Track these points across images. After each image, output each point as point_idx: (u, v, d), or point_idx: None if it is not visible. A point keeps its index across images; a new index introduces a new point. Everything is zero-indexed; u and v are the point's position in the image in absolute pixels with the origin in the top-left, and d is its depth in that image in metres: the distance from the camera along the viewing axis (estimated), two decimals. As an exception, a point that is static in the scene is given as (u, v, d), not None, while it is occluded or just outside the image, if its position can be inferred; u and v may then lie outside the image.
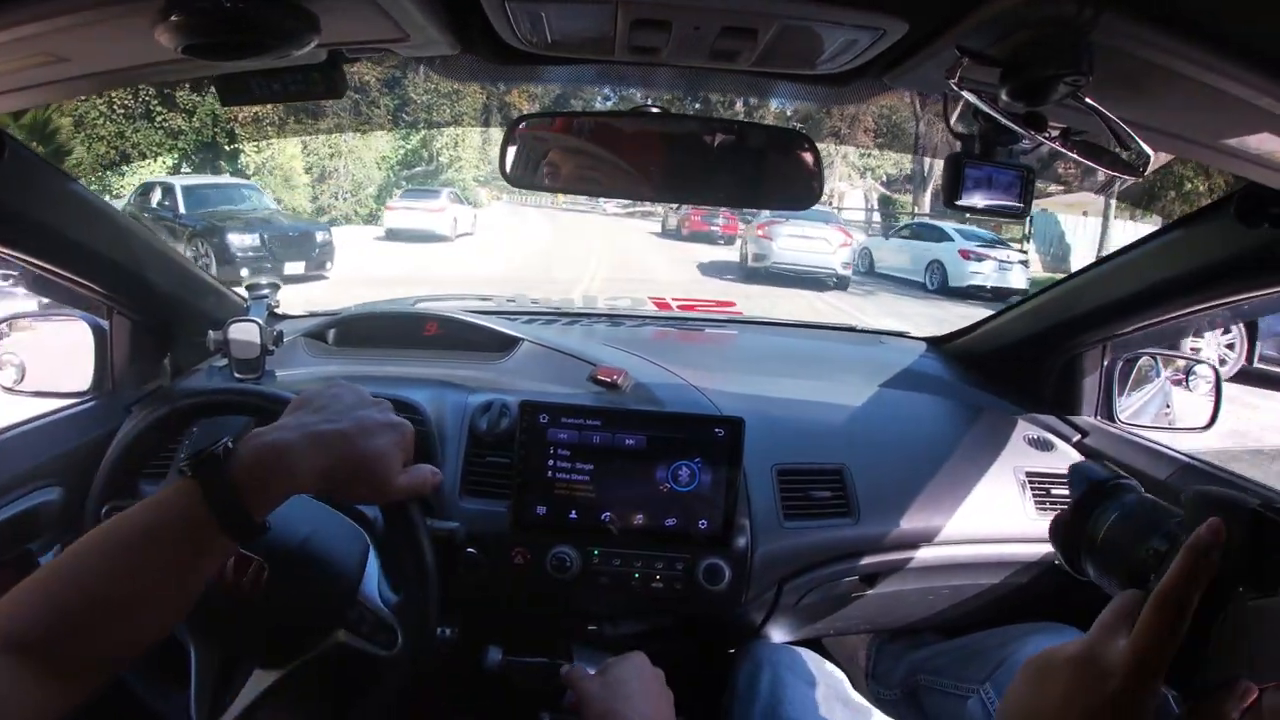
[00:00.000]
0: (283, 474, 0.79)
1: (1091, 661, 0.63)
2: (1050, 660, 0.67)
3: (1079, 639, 0.66)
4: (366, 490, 0.86)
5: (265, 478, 0.78)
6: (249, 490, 0.76)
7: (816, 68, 1.01)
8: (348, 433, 0.84)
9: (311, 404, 0.87)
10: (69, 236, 1.33)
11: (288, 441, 0.80)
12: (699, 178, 1.25)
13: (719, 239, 22.31)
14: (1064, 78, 0.74)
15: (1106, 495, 0.80)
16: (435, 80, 22.58)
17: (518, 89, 21.34)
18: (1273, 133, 0.86)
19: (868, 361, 2.14)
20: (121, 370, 1.68)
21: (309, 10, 0.75)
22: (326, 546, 1.11)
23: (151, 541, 0.74)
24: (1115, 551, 0.76)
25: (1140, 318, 1.60)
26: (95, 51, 0.89)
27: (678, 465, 1.44)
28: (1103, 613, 0.66)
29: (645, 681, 1.13)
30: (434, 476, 0.92)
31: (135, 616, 0.74)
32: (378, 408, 0.90)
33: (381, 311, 2.11)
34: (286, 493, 0.80)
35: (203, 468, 0.76)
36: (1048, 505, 1.66)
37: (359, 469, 0.83)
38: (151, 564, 0.74)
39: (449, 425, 1.55)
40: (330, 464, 0.81)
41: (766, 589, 1.54)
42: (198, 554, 0.76)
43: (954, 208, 1.07)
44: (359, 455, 0.83)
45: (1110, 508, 0.78)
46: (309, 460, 0.80)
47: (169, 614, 0.77)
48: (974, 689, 1.58)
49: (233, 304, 1.81)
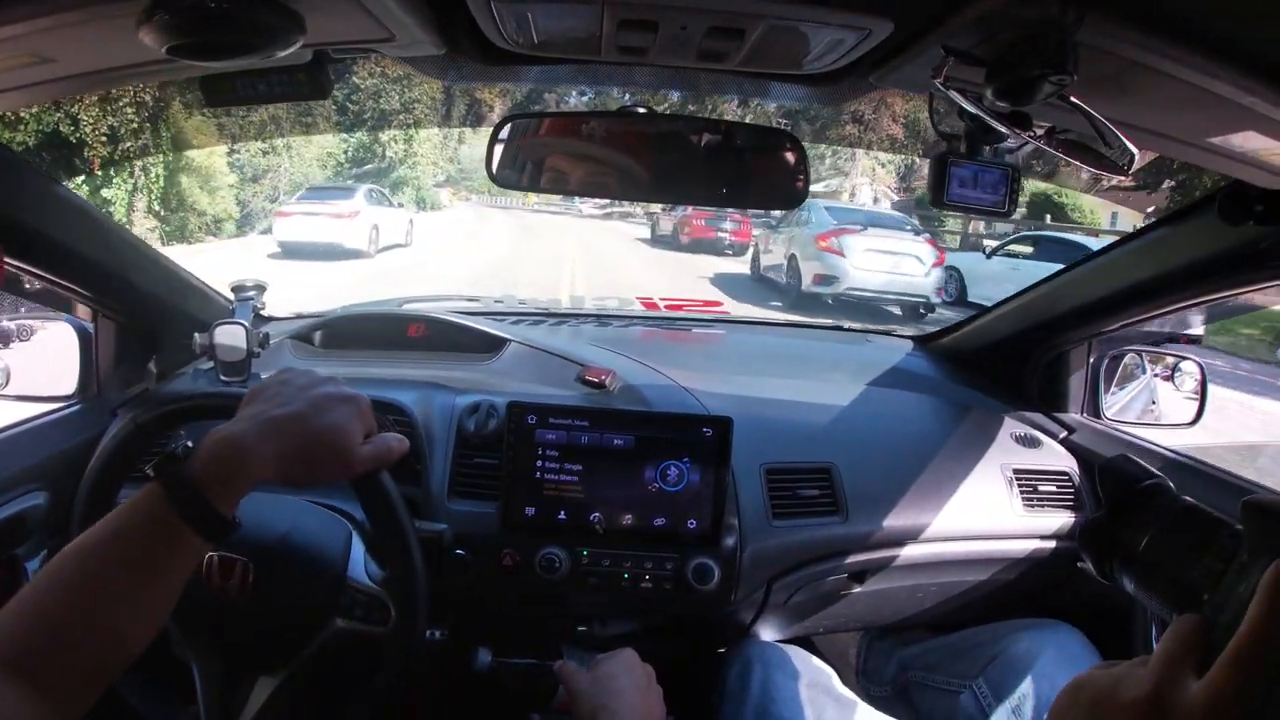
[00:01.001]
0: (242, 465, 0.80)
1: (1159, 709, 0.54)
2: (1105, 697, 0.58)
3: (1137, 672, 0.57)
4: (331, 466, 0.87)
5: (225, 471, 0.79)
6: (211, 485, 0.78)
7: (803, 67, 1.01)
8: (302, 414, 0.85)
9: (264, 393, 0.88)
10: (54, 239, 1.32)
11: (243, 432, 0.82)
12: (685, 177, 1.25)
13: (726, 248, 17.86)
14: (1049, 77, 0.74)
15: (1144, 497, 0.74)
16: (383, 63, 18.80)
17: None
18: (1256, 131, 0.87)
19: (855, 360, 2.14)
20: (107, 374, 1.66)
21: (294, 10, 0.75)
22: (307, 538, 1.11)
23: (123, 546, 0.75)
24: (1160, 568, 0.70)
25: (1125, 315, 1.61)
26: (80, 52, 0.88)
27: (666, 465, 1.44)
28: (1164, 642, 0.58)
29: (635, 676, 1.14)
30: (399, 444, 0.93)
31: (117, 624, 0.74)
32: (331, 384, 0.91)
33: (368, 313, 2.10)
34: (249, 483, 0.81)
35: (163, 469, 0.78)
36: (1034, 502, 1.67)
37: (318, 447, 0.85)
38: (125, 568, 0.74)
39: (436, 427, 1.54)
40: (289, 447, 0.83)
41: (755, 588, 1.54)
42: (170, 554, 0.77)
43: (940, 206, 1.07)
44: (316, 433, 0.85)
45: (1150, 515, 0.73)
46: (267, 447, 0.81)
47: (150, 619, 0.77)
48: (967, 684, 1.59)
49: (219, 306, 1.80)
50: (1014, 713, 1.48)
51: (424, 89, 23.50)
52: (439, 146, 30.13)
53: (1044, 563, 1.69)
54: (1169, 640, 0.57)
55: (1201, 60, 0.73)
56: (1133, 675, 0.57)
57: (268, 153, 21.05)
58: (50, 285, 1.43)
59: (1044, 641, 1.55)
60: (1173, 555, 0.68)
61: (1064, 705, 0.61)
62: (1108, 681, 0.58)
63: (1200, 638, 0.56)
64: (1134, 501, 0.74)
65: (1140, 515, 0.73)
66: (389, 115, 24.00)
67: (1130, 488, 0.75)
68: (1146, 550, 0.71)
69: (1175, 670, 0.55)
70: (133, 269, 1.55)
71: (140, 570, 0.75)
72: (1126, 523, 0.73)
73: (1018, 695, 1.49)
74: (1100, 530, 0.76)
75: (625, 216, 29.79)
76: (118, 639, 0.74)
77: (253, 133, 18.81)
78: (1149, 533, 0.71)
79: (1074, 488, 1.71)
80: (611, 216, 30.77)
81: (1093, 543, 0.77)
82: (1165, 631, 0.58)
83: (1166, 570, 0.68)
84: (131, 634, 0.75)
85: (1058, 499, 1.69)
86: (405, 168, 28.72)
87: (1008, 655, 1.55)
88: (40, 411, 1.59)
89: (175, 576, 0.78)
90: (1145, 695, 0.55)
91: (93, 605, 0.73)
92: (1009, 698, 1.50)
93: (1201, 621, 0.57)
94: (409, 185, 28.44)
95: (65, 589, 0.73)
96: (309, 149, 23.09)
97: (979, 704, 1.54)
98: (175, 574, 0.78)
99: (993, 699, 1.52)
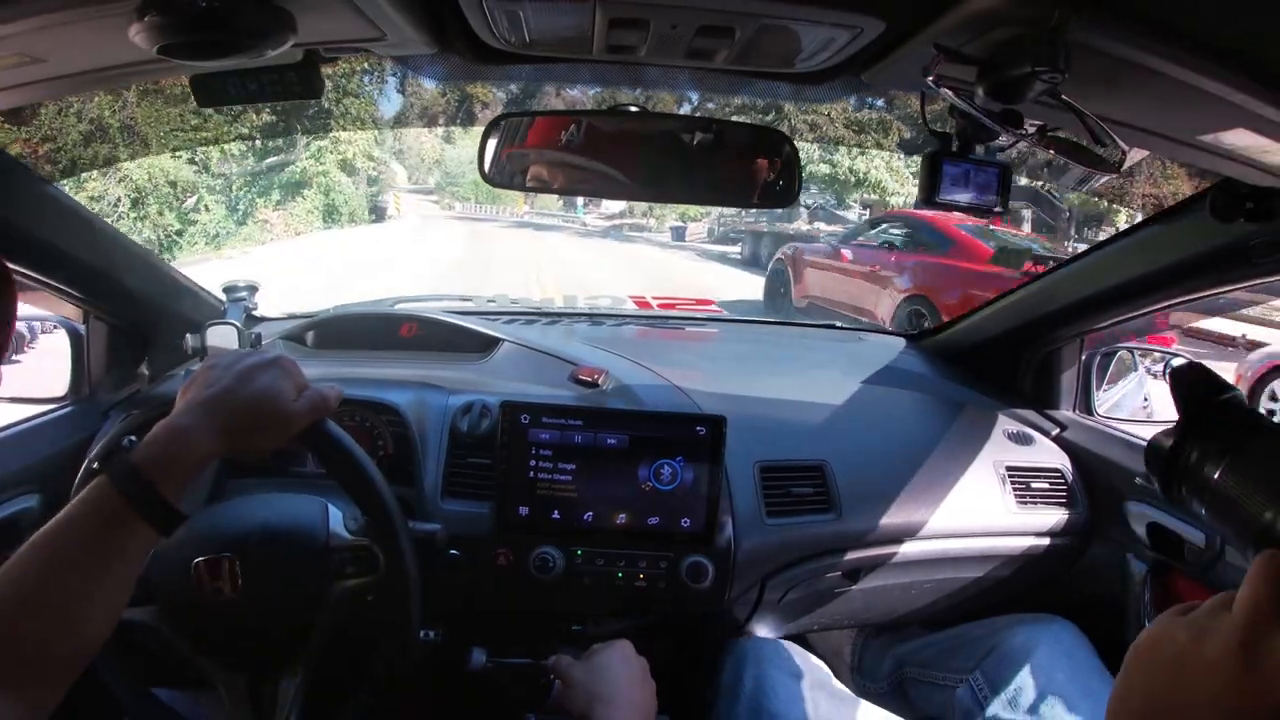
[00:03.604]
0: (183, 449, 0.84)
1: (1252, 665, 0.49)
2: (1188, 654, 0.52)
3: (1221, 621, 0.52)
4: (270, 429, 0.91)
5: (168, 456, 0.83)
6: (155, 470, 0.81)
7: (794, 66, 1.01)
8: (229, 388, 0.89)
9: (195, 382, 0.92)
10: (45, 240, 1.32)
11: (177, 417, 0.86)
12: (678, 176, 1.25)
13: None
14: (1040, 75, 0.74)
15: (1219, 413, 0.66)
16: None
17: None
18: (1247, 128, 0.87)
19: (848, 358, 2.14)
20: (99, 375, 1.66)
21: (285, 9, 0.75)
22: (285, 518, 1.12)
23: (74, 537, 0.78)
24: (1237, 508, 0.62)
25: (1116, 312, 1.62)
26: (71, 52, 0.88)
27: (660, 464, 1.44)
28: (1248, 585, 0.52)
29: (630, 667, 1.14)
30: (333, 392, 0.98)
31: (73, 615, 0.76)
32: (253, 355, 0.95)
33: (361, 313, 2.09)
34: (194, 465, 0.85)
35: (109, 459, 0.81)
36: (1027, 499, 1.67)
37: (253, 414, 0.89)
38: (78, 559, 0.77)
39: (430, 427, 1.54)
40: (225, 422, 0.87)
41: (750, 586, 1.54)
42: (120, 544, 0.80)
43: (932, 205, 1.07)
44: (247, 402, 0.89)
45: (1225, 435, 0.64)
46: (203, 426, 0.86)
47: (105, 611, 0.79)
48: (963, 678, 1.59)
49: (210, 306, 1.79)
50: (1010, 704, 1.48)
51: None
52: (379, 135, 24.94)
53: (1037, 559, 1.69)
54: (1254, 583, 0.52)
55: (1192, 58, 0.73)
56: (1217, 625, 0.52)
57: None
58: (42, 287, 1.43)
59: (1039, 635, 1.55)
60: (1252, 497, 0.61)
61: (1141, 664, 0.56)
62: (1189, 636, 0.53)
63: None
64: (1208, 418, 0.66)
65: (1215, 436, 0.65)
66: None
67: (1204, 401, 0.67)
68: (1222, 478, 0.63)
69: (1264, 618, 0.50)
70: (124, 270, 1.54)
71: (92, 562, 0.78)
72: (1199, 443, 0.65)
73: (1014, 687, 1.49)
74: (1169, 450, 0.68)
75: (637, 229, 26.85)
76: (75, 630, 0.76)
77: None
78: (1225, 458, 0.63)
79: (1066, 484, 1.72)
80: (622, 228, 27.68)
81: (1161, 463, 0.69)
82: (1248, 575, 0.53)
83: (1245, 512, 0.61)
84: (88, 624, 0.78)
85: (1050, 496, 1.70)
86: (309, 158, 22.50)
87: (1003, 649, 1.56)
88: (32, 413, 1.58)
89: (127, 567, 0.81)
90: (1233, 649, 0.50)
91: (46, 598, 0.75)
92: (1005, 690, 1.50)
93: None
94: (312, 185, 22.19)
95: (18, 585, 0.75)
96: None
97: (975, 697, 1.54)
98: (127, 564, 0.81)
99: (989, 691, 1.53)
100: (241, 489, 1.41)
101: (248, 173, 21.92)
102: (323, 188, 22.72)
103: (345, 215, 23.72)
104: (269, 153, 22.51)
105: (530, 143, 1.23)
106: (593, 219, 29.10)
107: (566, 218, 29.08)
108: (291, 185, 22.37)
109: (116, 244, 1.52)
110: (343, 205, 23.55)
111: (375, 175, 27.27)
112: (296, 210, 22.02)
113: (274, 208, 21.57)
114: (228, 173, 21.00)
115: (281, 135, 20.74)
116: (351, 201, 24.04)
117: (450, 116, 25.70)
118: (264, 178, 22.19)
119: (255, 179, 21.99)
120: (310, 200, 22.41)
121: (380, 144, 26.42)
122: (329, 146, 22.50)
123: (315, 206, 22.54)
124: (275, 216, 21.30)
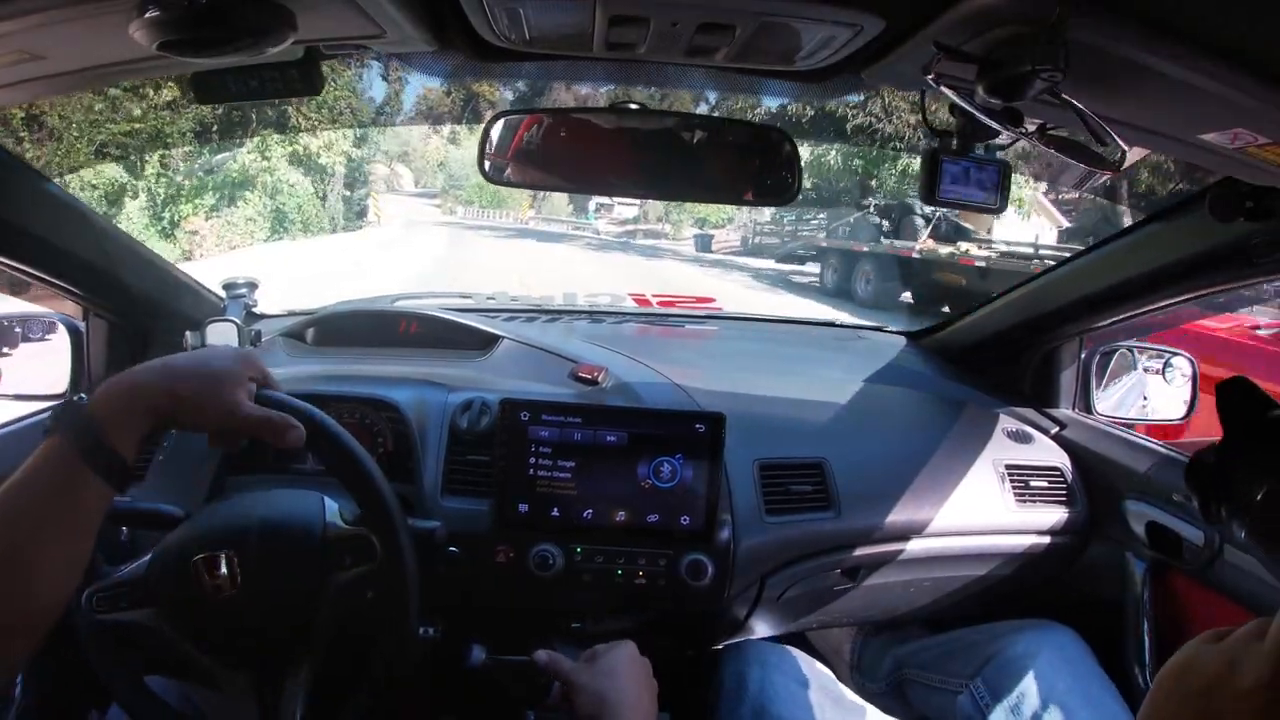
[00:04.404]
0: (134, 401, 0.87)
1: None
2: (1219, 684, 0.51)
3: (1254, 650, 0.50)
4: (211, 409, 0.93)
5: (118, 408, 0.85)
6: (107, 423, 0.83)
7: (794, 64, 1.01)
8: (193, 356, 0.97)
9: (174, 357, 0.96)
10: (45, 237, 1.32)
11: (135, 373, 0.89)
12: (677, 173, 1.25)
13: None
14: (1040, 74, 0.74)
15: (1265, 433, 0.63)
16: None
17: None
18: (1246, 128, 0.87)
19: (848, 356, 2.15)
20: (98, 373, 1.65)
21: (285, 6, 0.75)
22: (281, 512, 1.12)
23: (26, 492, 0.79)
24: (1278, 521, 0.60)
25: (1116, 311, 1.62)
26: (71, 49, 0.88)
27: (659, 461, 1.44)
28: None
29: (635, 669, 1.14)
30: (294, 431, 0.97)
31: (31, 573, 0.77)
32: (225, 346, 1.02)
33: (360, 310, 2.09)
34: (145, 421, 0.87)
35: (63, 413, 0.84)
36: (1027, 497, 1.67)
37: (204, 385, 0.91)
38: (31, 513, 0.79)
39: (429, 424, 1.54)
40: (175, 384, 0.89)
41: (749, 584, 1.54)
42: (73, 495, 0.81)
43: (931, 203, 1.07)
44: (199, 372, 0.92)
45: (1271, 457, 0.62)
46: (156, 385, 0.89)
47: (64, 567, 0.81)
48: (964, 684, 1.59)
49: (210, 304, 1.79)
50: (1013, 712, 1.48)
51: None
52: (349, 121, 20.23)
53: (1036, 557, 1.69)
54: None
55: (1192, 57, 0.73)
56: (1249, 655, 0.50)
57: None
58: (42, 284, 1.43)
59: (1041, 643, 1.55)
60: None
61: (1167, 693, 0.55)
62: (1220, 664, 0.51)
63: None
64: (1254, 437, 0.63)
65: (1260, 455, 0.62)
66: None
67: (1251, 419, 0.64)
68: (1265, 500, 0.61)
69: None
70: (124, 267, 1.54)
71: (46, 516, 0.79)
72: (1244, 462, 0.63)
73: (1015, 695, 1.49)
74: (1211, 467, 0.65)
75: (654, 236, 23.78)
76: (29, 590, 0.78)
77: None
78: (1271, 480, 0.61)
79: (1066, 483, 1.72)
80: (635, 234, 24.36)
81: (1201, 481, 0.66)
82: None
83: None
84: (46, 583, 0.79)
85: (1050, 494, 1.70)
86: (251, 153, 18.32)
87: (1005, 656, 1.56)
88: (32, 410, 1.58)
89: (81, 522, 0.82)
90: (1267, 680, 0.48)
91: (5, 554, 0.76)
92: (1007, 698, 1.50)
93: None
94: (255, 187, 18.02)
95: None
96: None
97: (977, 705, 1.54)
98: (81, 519, 0.82)
99: (991, 700, 1.53)
100: (241, 486, 1.41)
101: (192, 172, 17.98)
102: (268, 189, 18.60)
103: (298, 223, 19.47)
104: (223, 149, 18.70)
105: (529, 140, 1.23)
106: (605, 224, 26.39)
107: (577, 224, 26.46)
108: (229, 187, 18.16)
109: (117, 241, 1.52)
110: (294, 211, 19.31)
111: (359, 177, 24.27)
112: (234, 218, 18.04)
113: (206, 215, 17.41)
114: (171, 174, 17.18)
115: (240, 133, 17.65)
116: (307, 207, 19.68)
117: (456, 115, 24.61)
118: (198, 178, 18.02)
119: (188, 180, 17.66)
120: (252, 205, 18.34)
121: (365, 143, 22.84)
122: (280, 137, 18.42)
123: (260, 213, 18.46)
124: (206, 226, 17.27)
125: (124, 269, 1.54)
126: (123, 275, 1.54)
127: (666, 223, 29.02)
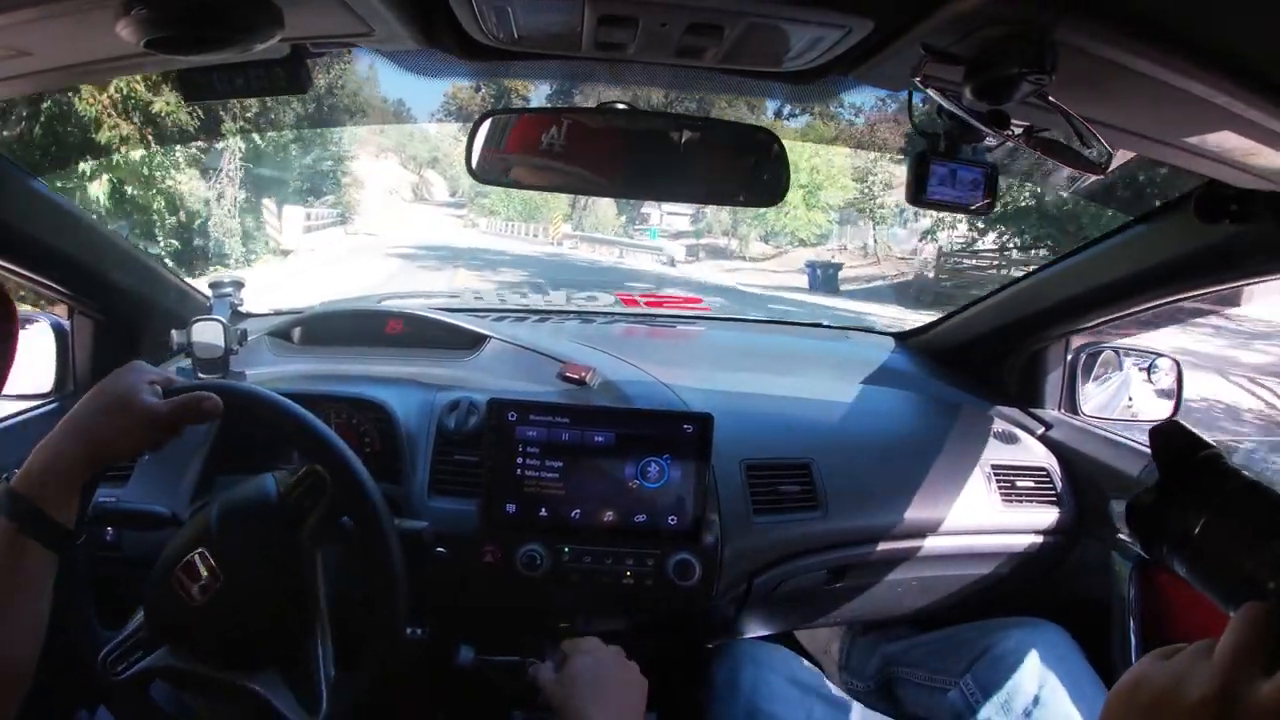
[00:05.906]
0: (57, 464, 0.93)
1: (1227, 710, 0.51)
2: (1167, 698, 0.54)
3: (1201, 667, 0.54)
4: (132, 429, 0.98)
5: (47, 476, 0.91)
6: (32, 490, 0.90)
7: (783, 65, 1.01)
8: (86, 401, 0.97)
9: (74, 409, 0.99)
10: (29, 234, 1.31)
11: (49, 439, 0.94)
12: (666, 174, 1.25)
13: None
14: (1027, 76, 0.74)
15: (1197, 471, 0.65)
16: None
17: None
18: (1232, 131, 0.88)
19: (835, 356, 2.15)
20: (84, 371, 1.65)
21: (272, 4, 0.74)
22: (234, 495, 1.13)
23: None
24: (1218, 557, 0.62)
25: (1101, 312, 1.63)
26: (57, 46, 0.88)
27: (647, 462, 1.44)
28: (1230, 634, 0.54)
29: (604, 670, 1.14)
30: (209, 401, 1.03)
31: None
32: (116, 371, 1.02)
33: (347, 309, 2.08)
34: (75, 479, 0.94)
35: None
36: (1013, 497, 1.68)
37: (110, 417, 0.97)
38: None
39: (416, 424, 1.53)
40: (87, 433, 0.95)
41: (737, 584, 1.54)
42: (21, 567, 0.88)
43: (919, 204, 1.08)
44: (103, 408, 0.97)
45: (1205, 493, 0.64)
46: (68, 442, 0.94)
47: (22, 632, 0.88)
48: (954, 681, 1.60)
49: (196, 302, 1.78)
50: (1003, 709, 1.49)
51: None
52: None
53: (1023, 557, 1.70)
54: (1235, 632, 0.53)
55: (1179, 60, 0.74)
56: (1196, 671, 0.53)
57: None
58: (26, 282, 1.41)
59: (1030, 640, 1.56)
60: (1231, 544, 0.61)
61: (1120, 705, 0.58)
62: (1168, 679, 0.55)
63: (1270, 630, 0.53)
64: (1187, 476, 0.65)
65: (1194, 492, 0.64)
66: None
67: (1183, 459, 0.66)
68: (1202, 534, 0.62)
69: (1243, 666, 0.52)
70: (110, 265, 1.53)
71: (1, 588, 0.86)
72: (1179, 500, 0.65)
73: (1005, 692, 1.50)
74: (1149, 509, 0.67)
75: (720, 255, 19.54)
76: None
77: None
78: (1204, 514, 0.63)
79: (1052, 483, 1.73)
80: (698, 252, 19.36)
81: (1141, 523, 0.68)
82: (1230, 623, 0.54)
83: (1225, 560, 0.61)
84: (10, 648, 0.86)
85: (1036, 494, 1.71)
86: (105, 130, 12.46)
87: (994, 653, 1.56)
88: (16, 409, 1.57)
89: (34, 586, 0.90)
90: (1213, 694, 0.51)
91: None
92: (997, 694, 1.51)
93: (1269, 612, 0.53)
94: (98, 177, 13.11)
95: None
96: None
97: (967, 701, 1.55)
98: (33, 585, 0.89)
99: (980, 696, 1.53)
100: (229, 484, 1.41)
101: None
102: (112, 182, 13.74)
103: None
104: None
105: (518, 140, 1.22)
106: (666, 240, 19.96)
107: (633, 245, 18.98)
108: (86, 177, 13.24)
109: (103, 239, 1.51)
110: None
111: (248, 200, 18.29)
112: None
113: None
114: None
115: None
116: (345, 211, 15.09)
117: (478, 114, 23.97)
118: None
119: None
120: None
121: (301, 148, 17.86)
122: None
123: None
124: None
125: (110, 267, 1.53)
126: (109, 274, 1.53)
127: (734, 237, 25.37)
